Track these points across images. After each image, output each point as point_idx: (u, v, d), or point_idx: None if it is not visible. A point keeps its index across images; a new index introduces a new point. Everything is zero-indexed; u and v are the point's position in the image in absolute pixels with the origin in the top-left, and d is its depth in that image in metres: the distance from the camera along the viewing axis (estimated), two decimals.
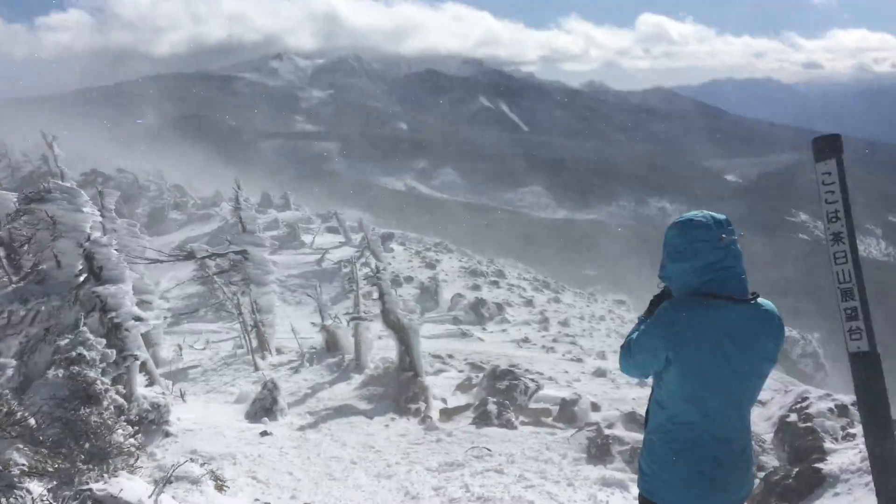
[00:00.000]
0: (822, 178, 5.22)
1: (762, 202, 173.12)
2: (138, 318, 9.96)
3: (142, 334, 10.75)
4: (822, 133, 5.56)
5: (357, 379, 14.63)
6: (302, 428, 11.30)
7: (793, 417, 9.34)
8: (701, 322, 2.98)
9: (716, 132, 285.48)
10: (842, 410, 9.64)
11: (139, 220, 41.17)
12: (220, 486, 7.59)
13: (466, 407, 13.09)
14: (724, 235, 3.08)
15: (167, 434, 9.79)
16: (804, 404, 9.85)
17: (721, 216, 3.18)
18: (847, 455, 7.05)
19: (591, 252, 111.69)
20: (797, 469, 7.24)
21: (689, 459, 3.05)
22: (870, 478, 5.66)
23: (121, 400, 6.75)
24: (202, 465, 7.94)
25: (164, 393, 10.44)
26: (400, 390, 13.38)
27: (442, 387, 16.23)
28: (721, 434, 3.06)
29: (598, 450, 9.97)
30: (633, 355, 3.21)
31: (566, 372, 22.64)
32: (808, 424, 8.84)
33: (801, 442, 8.24)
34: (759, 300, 3.11)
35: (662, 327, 3.05)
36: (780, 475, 7.43)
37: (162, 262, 16.93)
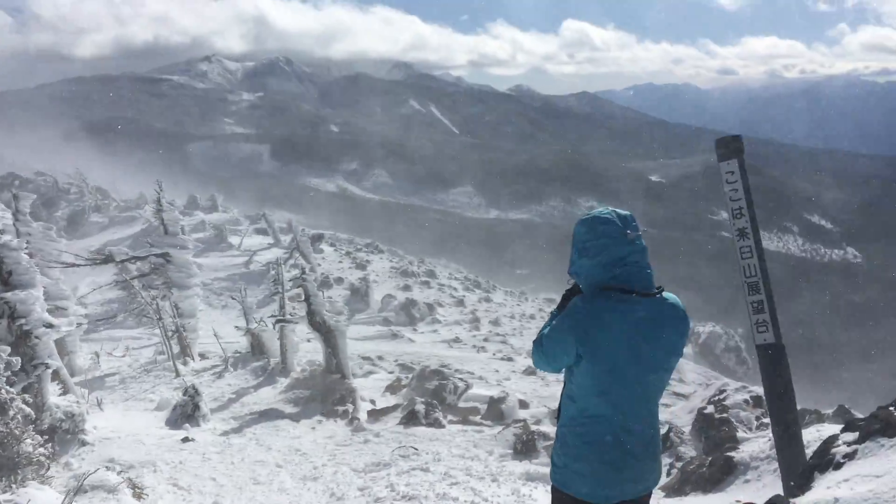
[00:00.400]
0: (726, 176, 5.41)
1: (685, 202, 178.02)
2: (49, 325, 9.61)
3: (56, 342, 10.40)
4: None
5: (283, 382, 14.44)
6: (225, 433, 11.09)
7: (710, 409, 9.62)
8: (609, 316, 3.03)
9: (638, 135, 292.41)
10: (757, 401, 9.97)
11: (58, 223, 39.85)
12: (139, 494, 7.40)
13: (395, 407, 13.07)
14: (629, 231, 3.12)
15: (83, 443, 9.47)
16: (722, 396, 10.16)
17: (626, 212, 3.22)
18: (758, 443, 7.29)
19: (522, 252, 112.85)
20: (711, 458, 7.45)
21: (599, 451, 3.10)
22: (777, 464, 5.87)
23: (28, 409, 6.50)
24: (119, 473, 7.72)
25: (78, 401, 10.09)
26: (327, 392, 13.27)
27: (371, 388, 16.17)
28: (630, 426, 3.11)
29: (524, 446, 10.08)
30: (544, 350, 3.23)
31: (497, 371, 22.86)
32: (724, 415, 9.12)
33: (717, 432, 8.49)
34: (664, 294, 3.17)
35: (572, 321, 3.08)
36: (695, 464, 7.64)
37: (79, 265, 16.38)
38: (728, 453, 7.28)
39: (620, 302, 3.05)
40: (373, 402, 14.55)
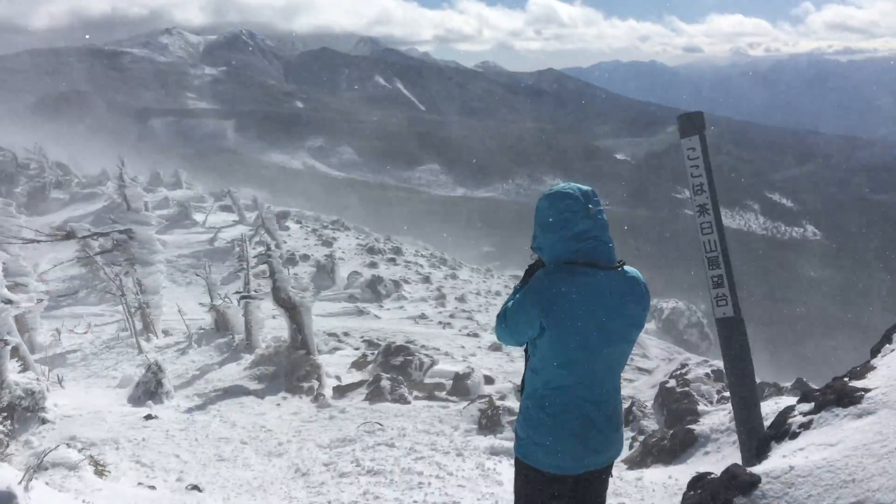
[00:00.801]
0: (688, 153, 5.46)
1: (650, 180, 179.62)
2: (8, 301, 9.43)
3: (16, 318, 10.21)
4: None
5: (248, 359, 14.36)
6: (189, 410, 11.01)
7: (672, 383, 9.79)
8: (572, 289, 3.07)
9: (605, 113, 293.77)
10: (718, 375, 10.17)
11: (18, 199, 38.98)
12: (101, 472, 7.32)
13: (360, 384, 13.08)
14: (590, 206, 3.17)
15: (43, 421, 9.34)
16: (684, 371, 10.35)
17: (587, 188, 3.26)
18: (718, 416, 7.44)
19: (489, 229, 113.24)
20: (672, 431, 7.58)
21: (562, 422, 3.15)
22: (737, 436, 6.00)
23: None
24: (81, 450, 7.63)
25: (38, 379, 9.94)
26: (292, 369, 13.23)
27: (337, 365, 16.16)
28: (593, 397, 3.17)
29: (489, 421, 10.17)
30: (508, 323, 3.27)
31: (462, 347, 22.99)
32: (685, 389, 9.30)
33: (678, 406, 8.65)
34: (625, 268, 3.21)
35: (535, 295, 3.11)
36: (656, 437, 7.77)
37: (39, 241, 16.05)
38: (689, 426, 7.42)
39: (582, 275, 3.09)
40: (338, 378, 14.54)
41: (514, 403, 11.04)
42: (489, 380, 15.04)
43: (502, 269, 59.59)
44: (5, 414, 7.36)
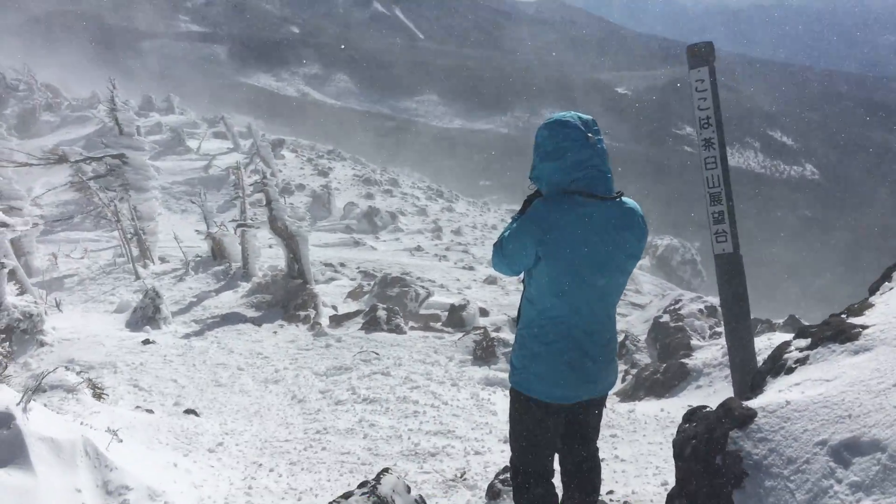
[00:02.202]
0: (696, 84, 5.33)
1: (650, 115, 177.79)
2: (3, 224, 9.38)
3: (12, 242, 10.19)
4: None
5: (244, 287, 14.41)
6: (187, 336, 11.10)
7: (665, 318, 9.87)
8: (568, 218, 3.05)
9: (607, 45, 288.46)
10: (711, 311, 10.24)
11: (7, 121, 38.48)
12: (99, 395, 7.40)
13: (357, 313, 13.17)
14: (590, 135, 3.11)
15: (42, 344, 9.42)
16: (677, 306, 10.41)
17: (587, 116, 3.20)
18: (711, 351, 7.51)
19: (486, 163, 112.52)
20: (665, 365, 7.66)
21: (558, 352, 3.15)
22: (729, 371, 6.06)
23: None
24: (79, 373, 7.70)
25: (36, 302, 9.97)
26: (289, 297, 13.30)
27: (333, 294, 16.25)
28: (588, 327, 3.17)
29: (484, 352, 10.26)
30: (504, 251, 3.23)
31: (458, 279, 23.07)
32: (679, 324, 9.37)
33: (671, 340, 8.72)
34: (624, 198, 3.18)
35: (531, 223, 3.09)
36: (649, 371, 7.86)
37: (32, 165, 15.90)
38: (682, 360, 7.49)
39: (580, 205, 3.07)
40: (334, 307, 14.64)
41: (508, 335, 11.13)
42: (484, 312, 15.14)
43: (499, 203, 59.52)
44: (3, 336, 7.40)
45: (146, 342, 10.20)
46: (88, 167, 18.67)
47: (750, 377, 4.89)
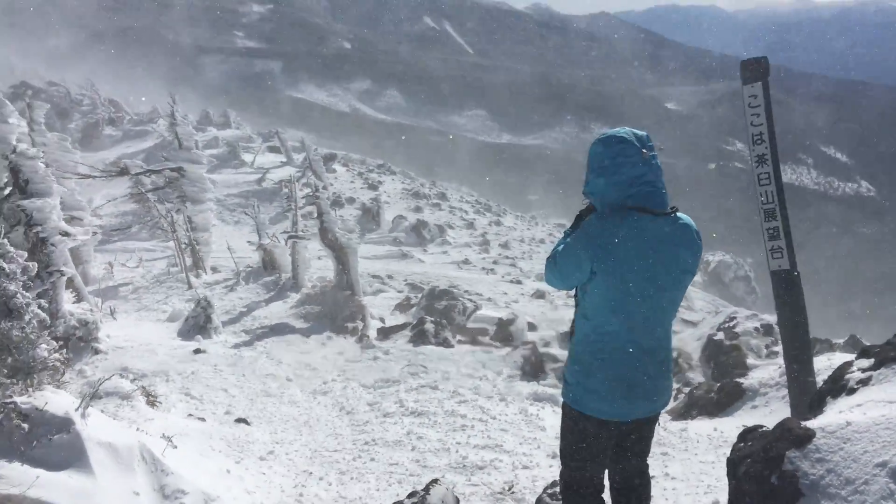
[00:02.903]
0: (749, 100, 5.26)
1: (701, 130, 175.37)
2: (65, 234, 9.65)
3: (71, 251, 10.45)
4: None
5: (294, 298, 14.56)
6: (237, 346, 11.25)
7: (720, 336, 9.68)
8: (624, 234, 3.02)
9: (658, 59, 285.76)
10: (767, 329, 10.01)
11: (72, 135, 39.59)
12: (152, 402, 7.53)
13: (404, 326, 13.20)
14: (644, 150, 3.11)
15: (96, 351, 9.63)
16: (732, 324, 10.21)
17: (642, 132, 3.21)
18: (767, 370, 7.34)
19: (534, 177, 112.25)
20: (719, 384, 7.51)
21: (613, 368, 3.12)
22: (786, 391, 5.91)
23: (43, 315, 6.56)
24: (133, 381, 7.86)
25: (92, 310, 10.22)
26: (337, 309, 13.40)
27: (380, 306, 16.32)
28: (644, 343, 3.13)
29: (533, 367, 10.20)
30: (558, 267, 3.24)
31: (505, 293, 22.97)
32: (734, 342, 9.18)
33: (726, 358, 8.56)
34: (678, 214, 3.15)
35: (587, 239, 3.08)
36: (703, 389, 7.71)
37: (94, 177, 16.37)
38: (737, 379, 7.34)
39: (635, 220, 3.05)
40: (382, 320, 14.69)
41: (557, 351, 11.05)
42: (532, 327, 15.04)
43: (547, 217, 59.18)
44: (62, 343, 7.58)
45: (197, 351, 10.36)
46: (148, 179, 19.15)
47: (809, 397, 4.76)
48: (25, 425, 4.53)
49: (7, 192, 9.79)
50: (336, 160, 51.22)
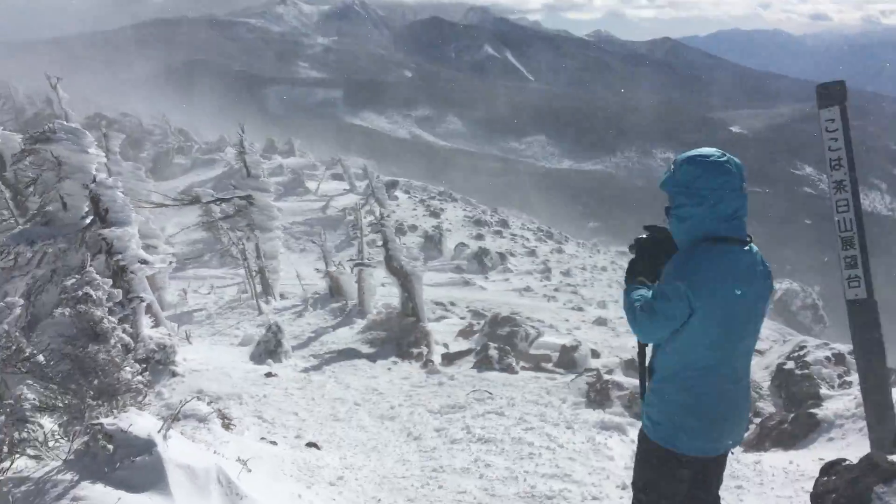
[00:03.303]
0: (826, 125, 5.20)
1: (767, 154, 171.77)
2: (144, 261, 10.01)
3: (147, 278, 10.82)
4: None
5: (360, 323, 14.77)
6: (306, 370, 11.45)
7: (790, 365, 9.46)
8: (721, 268, 2.99)
9: (722, 84, 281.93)
10: (839, 359, 9.75)
11: (144, 164, 41.04)
12: (227, 425, 7.74)
13: (468, 352, 13.25)
14: (744, 184, 3.07)
15: (174, 374, 9.93)
16: (802, 353, 9.96)
17: (739, 161, 3.14)
18: (842, 401, 7.16)
19: (595, 204, 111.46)
20: (793, 414, 7.35)
21: (708, 404, 3.09)
22: (864, 423, 5.76)
23: (127, 339, 6.83)
24: (209, 403, 8.08)
25: (170, 334, 10.56)
26: (402, 335, 13.53)
27: (444, 332, 16.40)
28: (735, 375, 3.12)
29: (598, 395, 10.11)
30: (658, 316, 3.08)
31: (567, 320, 22.85)
32: (806, 372, 8.97)
33: (798, 388, 8.36)
34: (752, 244, 3.15)
35: (689, 278, 2.99)
36: (775, 420, 7.55)
37: (167, 206, 16.96)
38: (811, 410, 7.17)
39: (727, 253, 3.02)
40: (446, 345, 14.77)
41: (622, 378, 10.92)
42: (595, 353, 14.93)
43: (608, 245, 58.68)
44: (143, 366, 7.86)
45: (269, 375, 10.59)
46: (217, 207, 19.73)
47: (889, 430, 4.65)
48: (110, 447, 4.67)
49: (88, 221, 10.20)
50: (398, 187, 51.84)
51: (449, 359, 12.99)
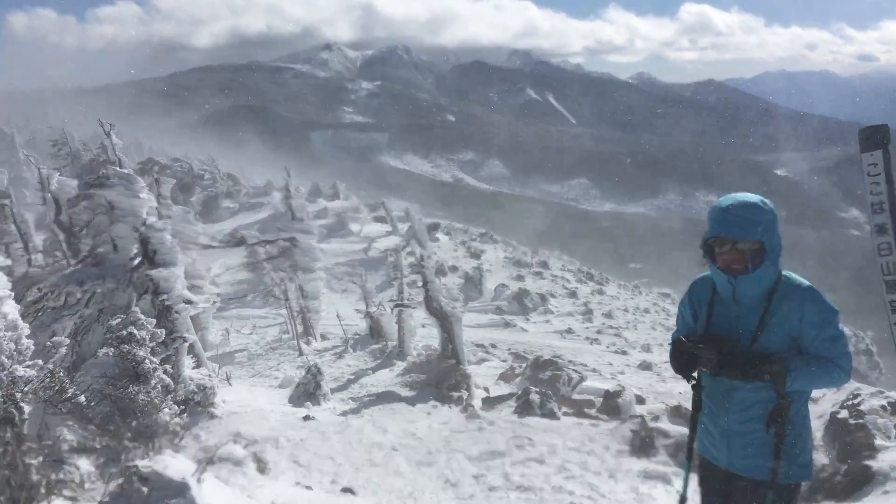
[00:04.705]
0: (868, 168, 5.10)
1: (813, 197, 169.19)
2: (188, 301, 10.12)
3: (191, 318, 10.92)
4: None
5: (400, 366, 14.69)
6: (344, 413, 11.38)
7: (843, 414, 9.12)
8: None
9: (767, 126, 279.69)
10: (895, 408, 9.38)
11: (193, 207, 41.89)
12: (262, 469, 7.69)
13: (509, 396, 13.05)
14: None
15: (212, 416, 9.94)
16: (856, 401, 9.61)
17: None
18: None
19: (637, 245, 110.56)
20: (846, 466, 7.06)
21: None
22: None
23: (168, 379, 6.88)
24: (245, 447, 8.05)
25: (210, 375, 10.61)
26: (442, 378, 13.40)
27: (484, 376, 16.22)
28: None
29: (642, 443, 9.84)
30: (851, 357, 3.27)
31: (610, 364, 22.47)
32: (860, 421, 8.62)
33: (852, 439, 8.03)
34: None
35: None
36: (827, 472, 7.25)
37: (214, 248, 17.26)
38: (865, 462, 6.87)
39: None
40: (486, 389, 14.59)
41: (668, 425, 10.63)
42: (640, 399, 14.58)
43: (650, 286, 57.95)
44: (182, 407, 7.89)
45: (307, 418, 10.54)
46: (262, 249, 19.97)
47: None
48: (145, 489, 4.67)
49: (137, 262, 10.38)
50: (439, 229, 52.05)
51: (489, 403, 12.81)
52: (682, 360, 3.33)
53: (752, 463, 3.31)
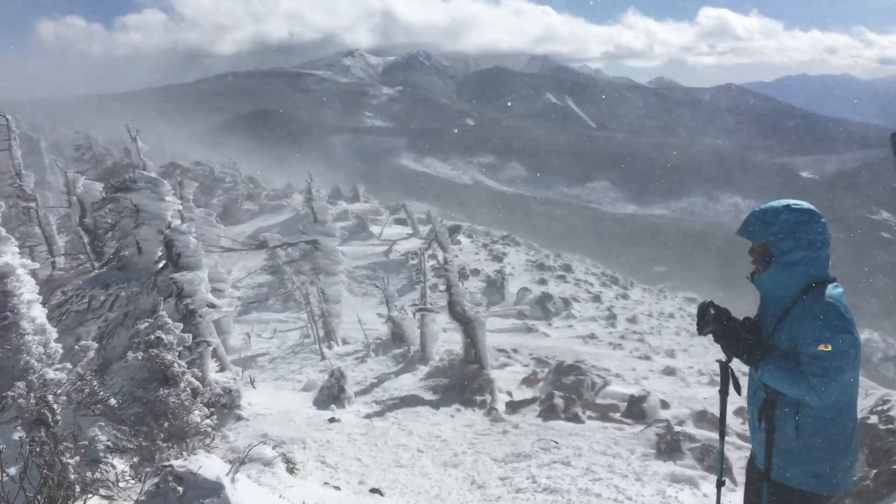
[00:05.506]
0: None
1: (840, 199, 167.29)
2: (212, 305, 10.19)
3: (213, 321, 11.02)
4: None
5: (422, 370, 14.72)
6: (369, 416, 11.43)
7: (873, 419, 9.05)
8: (850, 309, 3.28)
9: (789, 129, 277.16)
10: None
11: (215, 210, 42.22)
12: (292, 469, 7.74)
13: (532, 400, 13.04)
14: (830, 234, 3.40)
15: (239, 418, 10.03)
16: (886, 407, 9.54)
17: None
18: None
19: (661, 248, 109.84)
20: (876, 470, 6.99)
21: (855, 436, 3.35)
22: None
23: (196, 382, 6.94)
24: (273, 448, 8.11)
25: (235, 378, 10.69)
26: (465, 382, 13.41)
27: (507, 380, 16.22)
28: (854, 412, 3.38)
29: (668, 446, 9.80)
30: (837, 373, 3.16)
31: (634, 369, 22.35)
32: (890, 426, 8.56)
33: (882, 444, 7.97)
34: None
35: (854, 325, 3.23)
36: (858, 476, 7.19)
37: (236, 250, 17.37)
38: (895, 466, 6.81)
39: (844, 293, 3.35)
40: (509, 393, 14.59)
41: (693, 430, 10.59)
42: (664, 404, 14.52)
43: (675, 291, 57.50)
44: (211, 409, 7.96)
45: (332, 420, 10.60)
46: (283, 252, 20.10)
47: None
48: (180, 488, 4.71)
49: (161, 265, 10.47)
50: (461, 232, 51.99)
51: (513, 407, 12.81)
52: (700, 313, 3.49)
53: (758, 451, 3.52)
